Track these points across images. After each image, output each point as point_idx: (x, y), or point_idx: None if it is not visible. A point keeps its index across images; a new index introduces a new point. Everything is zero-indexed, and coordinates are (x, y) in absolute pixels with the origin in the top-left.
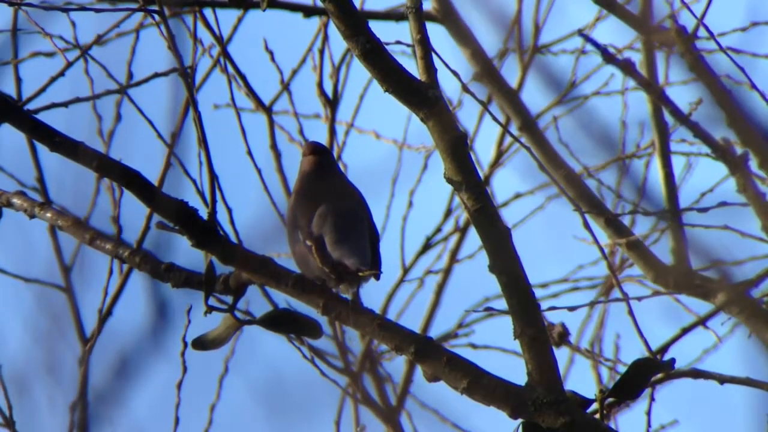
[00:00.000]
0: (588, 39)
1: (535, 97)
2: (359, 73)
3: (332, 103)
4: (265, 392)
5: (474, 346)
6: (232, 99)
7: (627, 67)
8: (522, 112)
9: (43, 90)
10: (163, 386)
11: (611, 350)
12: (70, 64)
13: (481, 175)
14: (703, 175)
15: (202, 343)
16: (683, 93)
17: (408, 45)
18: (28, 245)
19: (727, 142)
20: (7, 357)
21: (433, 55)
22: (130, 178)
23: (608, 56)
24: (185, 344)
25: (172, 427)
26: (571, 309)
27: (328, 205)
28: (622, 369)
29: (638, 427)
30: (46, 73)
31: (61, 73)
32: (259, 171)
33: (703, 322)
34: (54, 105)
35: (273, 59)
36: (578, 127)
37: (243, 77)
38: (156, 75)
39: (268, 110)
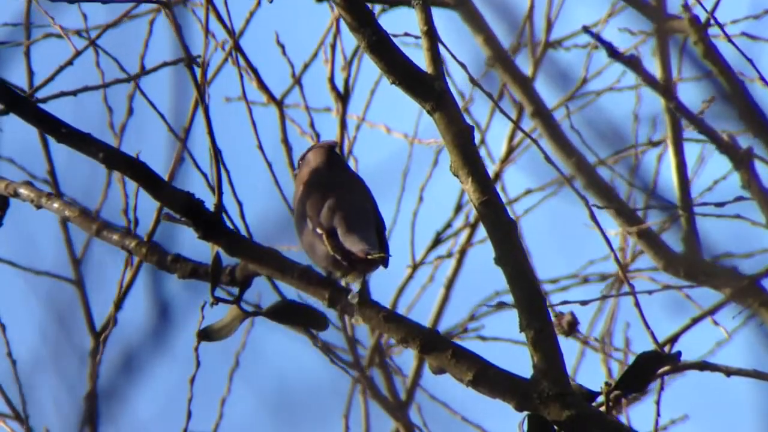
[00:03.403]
0: (594, 36)
1: (546, 92)
2: (371, 66)
3: (343, 97)
4: (274, 386)
5: (483, 338)
6: (244, 92)
7: (634, 64)
8: (534, 98)
9: (51, 79)
10: (170, 381)
11: (622, 341)
12: (78, 53)
13: (492, 170)
14: (718, 161)
15: (207, 334)
16: (695, 85)
17: (416, 37)
18: (38, 237)
19: (731, 137)
20: (18, 350)
21: (442, 46)
22: (136, 170)
23: (614, 53)
24: (197, 338)
25: (183, 421)
26: (583, 303)
27: (337, 196)
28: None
29: (648, 419)
30: (57, 64)
31: (70, 62)
32: (269, 165)
33: (711, 313)
34: (63, 94)
35: (284, 53)
36: (587, 125)
37: (254, 70)
38: (164, 64)
39: (279, 104)
